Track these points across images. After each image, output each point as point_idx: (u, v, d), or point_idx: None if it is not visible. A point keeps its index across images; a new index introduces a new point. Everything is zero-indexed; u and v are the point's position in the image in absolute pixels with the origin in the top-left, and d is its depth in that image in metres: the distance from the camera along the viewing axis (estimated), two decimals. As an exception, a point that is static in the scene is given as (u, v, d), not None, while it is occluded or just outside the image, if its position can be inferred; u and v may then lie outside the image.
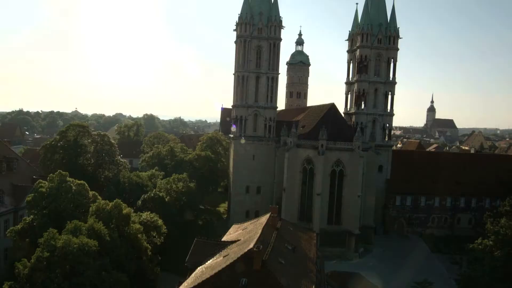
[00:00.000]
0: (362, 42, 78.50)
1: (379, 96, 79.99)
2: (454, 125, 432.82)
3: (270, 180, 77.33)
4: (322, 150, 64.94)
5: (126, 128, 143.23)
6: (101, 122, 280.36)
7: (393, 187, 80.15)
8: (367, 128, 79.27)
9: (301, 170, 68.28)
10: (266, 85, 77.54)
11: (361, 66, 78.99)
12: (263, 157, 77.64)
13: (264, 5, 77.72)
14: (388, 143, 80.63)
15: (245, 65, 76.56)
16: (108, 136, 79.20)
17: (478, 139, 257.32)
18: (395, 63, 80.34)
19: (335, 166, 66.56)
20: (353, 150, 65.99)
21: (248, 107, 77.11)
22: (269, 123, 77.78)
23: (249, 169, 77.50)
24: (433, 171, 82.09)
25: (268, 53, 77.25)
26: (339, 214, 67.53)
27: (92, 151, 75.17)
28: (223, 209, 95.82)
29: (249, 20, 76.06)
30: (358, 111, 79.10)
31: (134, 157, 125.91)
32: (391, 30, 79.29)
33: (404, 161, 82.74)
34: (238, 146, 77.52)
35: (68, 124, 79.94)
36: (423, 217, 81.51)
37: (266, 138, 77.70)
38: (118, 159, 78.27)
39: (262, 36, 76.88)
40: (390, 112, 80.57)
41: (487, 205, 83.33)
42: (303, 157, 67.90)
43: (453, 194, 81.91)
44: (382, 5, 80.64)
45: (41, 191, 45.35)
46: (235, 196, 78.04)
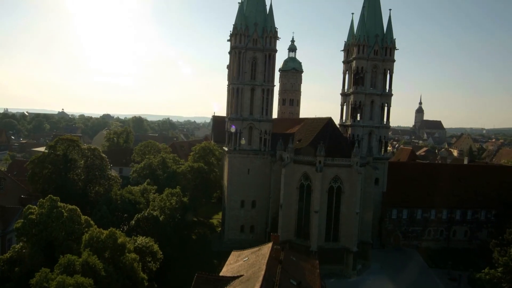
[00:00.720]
0: (359, 54, 77.41)
1: (375, 108, 78.98)
2: (442, 126, 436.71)
3: (265, 194, 75.92)
4: (320, 166, 63.62)
5: (115, 135, 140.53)
6: (89, 125, 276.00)
7: (389, 200, 79.30)
8: (363, 140, 78.26)
9: (298, 186, 66.90)
10: (261, 98, 76.02)
11: (358, 77, 77.90)
12: (258, 171, 76.14)
13: (259, 15, 76.14)
14: (385, 156, 79.67)
15: (239, 77, 74.91)
16: (98, 150, 76.93)
17: (466, 141, 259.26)
18: (391, 75, 79.43)
19: (333, 182, 65.30)
20: (351, 166, 64.82)
21: (243, 120, 75.47)
22: (264, 136, 76.27)
23: (244, 183, 75.91)
24: (429, 183, 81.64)
25: (263, 65, 75.72)
26: (337, 231, 66.32)
27: (82, 166, 72.88)
28: (216, 221, 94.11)
29: (244, 31, 74.42)
30: (355, 123, 77.98)
31: (124, 165, 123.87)
32: (387, 41, 78.29)
33: (400, 173, 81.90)
34: (233, 160, 75.85)
35: (57, 137, 77.43)
36: (419, 230, 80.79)
37: (261, 152, 76.18)
38: (110, 174, 76.08)
39: (257, 47, 75.30)
40: (386, 124, 79.65)
41: (482, 217, 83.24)
42: (300, 173, 66.54)
43: (449, 207, 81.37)
44: (379, 15, 79.56)
45: (30, 218, 43.24)
46: (229, 211, 76.39)
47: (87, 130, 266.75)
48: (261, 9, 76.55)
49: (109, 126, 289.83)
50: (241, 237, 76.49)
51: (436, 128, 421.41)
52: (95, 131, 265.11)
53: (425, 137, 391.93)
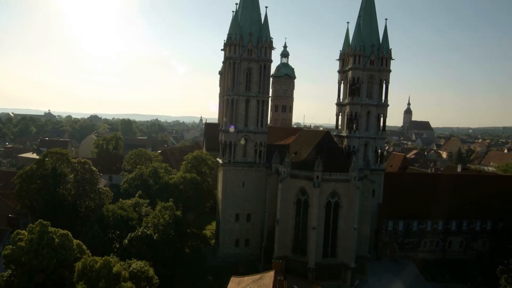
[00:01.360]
0: (355, 64, 76.34)
1: (371, 119, 78.03)
2: (430, 127, 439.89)
3: (260, 207, 74.58)
4: (317, 182, 62.41)
5: (104, 141, 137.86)
6: (76, 128, 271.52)
7: (385, 211, 78.49)
8: (359, 152, 77.29)
9: (295, 201, 65.65)
10: (256, 109, 74.50)
11: (354, 88, 76.86)
12: (253, 183, 74.65)
13: (254, 25, 74.55)
14: (381, 167, 78.76)
15: (234, 88, 73.33)
16: (89, 163, 74.67)
17: (455, 143, 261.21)
18: (387, 85, 78.56)
19: (330, 197, 64.17)
20: (349, 181, 63.75)
21: (238, 132, 73.91)
22: (259, 148, 74.79)
23: (238, 196, 74.35)
24: (425, 193, 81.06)
25: (258, 76, 74.18)
26: (335, 247, 65.25)
27: (72, 181, 70.69)
28: (209, 232, 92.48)
29: (239, 41, 72.80)
30: (350, 134, 76.92)
31: (114, 173, 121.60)
32: (383, 51, 77.35)
33: (396, 184, 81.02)
34: (227, 172, 74.24)
35: (46, 151, 75.07)
36: (415, 241, 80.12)
37: (256, 164, 74.68)
38: (100, 187, 73.94)
39: (252, 57, 73.72)
40: (382, 135, 78.79)
41: (477, 227, 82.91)
42: (297, 188, 65.28)
43: (445, 217, 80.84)
44: (375, 25, 78.54)
45: (20, 246, 41.21)
46: (224, 225, 74.79)
47: (75, 133, 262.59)
48: (256, 19, 74.97)
49: (97, 129, 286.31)
50: (236, 251, 75.07)
51: (424, 129, 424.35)
52: (83, 134, 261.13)
53: (413, 137, 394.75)
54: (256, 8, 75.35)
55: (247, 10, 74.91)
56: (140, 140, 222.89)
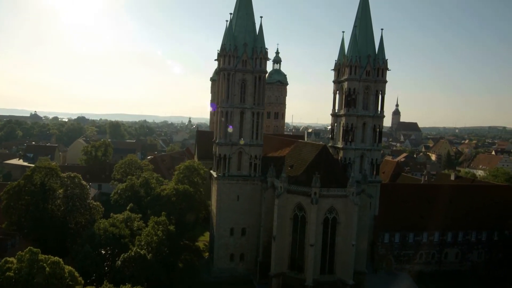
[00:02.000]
0: (351, 75, 75.26)
1: (367, 130, 77.03)
2: (418, 128, 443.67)
3: (255, 221, 73.18)
4: (315, 198, 61.17)
5: (93, 148, 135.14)
6: (63, 131, 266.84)
7: (381, 224, 77.58)
8: (355, 163, 76.28)
9: (291, 216, 64.36)
10: (251, 121, 73.04)
11: (349, 99, 75.78)
12: (248, 197, 73.20)
13: (248, 35, 73.02)
14: (377, 179, 77.81)
15: (229, 100, 71.73)
16: (79, 177, 72.35)
17: (444, 146, 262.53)
18: (383, 96, 77.70)
19: (328, 213, 63.00)
20: (347, 197, 62.65)
21: (232, 144, 72.33)
22: (254, 161, 73.30)
23: (233, 210, 72.81)
24: (421, 205, 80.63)
25: (253, 87, 72.73)
26: (332, 263, 64.11)
27: (61, 197, 68.42)
28: (203, 244, 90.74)
29: (233, 52, 71.23)
30: (346, 146, 75.79)
31: (104, 181, 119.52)
32: (379, 61, 76.42)
33: (392, 195, 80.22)
34: (222, 186, 72.61)
35: (34, 166, 72.64)
36: (411, 253, 79.42)
37: (251, 178, 73.19)
38: (91, 202, 71.76)
39: (247, 69, 72.25)
40: (378, 147, 77.85)
41: (473, 238, 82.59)
42: (294, 204, 64.00)
43: (440, 229, 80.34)
44: (370, 35, 77.53)
45: (8, 276, 39.17)
46: (219, 239, 73.16)
47: (62, 136, 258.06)
48: (250, 29, 73.46)
49: (85, 132, 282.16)
50: (230, 265, 73.60)
51: (412, 130, 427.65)
52: (70, 137, 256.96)
53: (402, 139, 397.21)
54: (250, 17, 73.89)
55: (242, 20, 73.40)
56: (129, 144, 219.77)
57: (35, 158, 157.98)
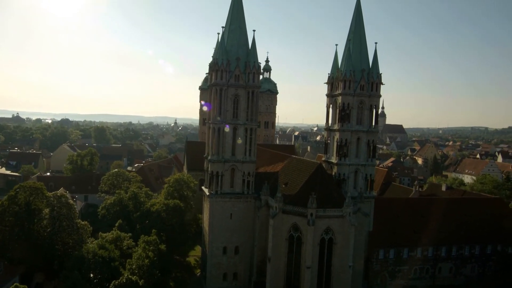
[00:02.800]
0: (345, 90, 74.06)
1: (362, 145, 75.95)
2: (403, 130, 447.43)
3: (249, 239, 71.64)
4: (312, 219, 59.84)
5: (79, 157, 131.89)
6: (47, 135, 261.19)
7: (376, 240, 76.62)
8: (349, 179, 75.18)
9: (287, 237, 62.93)
10: (244, 137, 71.34)
11: (344, 114, 74.64)
12: (242, 215, 71.50)
13: (241, 49, 71.33)
14: (371, 194, 76.79)
15: (221, 115, 69.95)
16: (65, 196, 69.79)
17: (430, 150, 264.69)
18: (377, 111, 76.81)
19: (324, 234, 61.76)
20: (344, 217, 61.48)
21: (224, 161, 70.55)
22: (247, 178, 71.62)
23: (226, 228, 71.03)
24: (414, 219, 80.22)
25: (246, 102, 71.07)
26: (329, 285, 62.89)
27: (48, 217, 65.82)
28: (193, 259, 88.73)
29: (225, 66, 69.50)
30: (341, 162, 74.61)
31: (90, 192, 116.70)
32: (373, 76, 75.43)
33: (386, 210, 79.30)
34: (214, 204, 70.79)
35: (18, 184, 69.79)
36: (406, 269, 78.72)
37: (244, 195, 71.52)
38: (79, 222, 69.22)
39: (240, 84, 70.55)
40: (372, 162, 76.85)
41: (466, 252, 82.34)
42: (290, 224, 62.59)
43: (434, 244, 79.89)
44: (364, 49, 76.51)
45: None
46: (211, 258, 71.28)
47: (46, 141, 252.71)
48: (243, 42, 71.78)
49: (69, 135, 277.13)
50: (223, 285, 71.88)
51: (398, 132, 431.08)
52: (54, 141, 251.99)
53: (387, 141, 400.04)
54: (243, 31, 72.24)
55: (234, 33, 71.70)
56: (115, 149, 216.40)
57: (18, 166, 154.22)
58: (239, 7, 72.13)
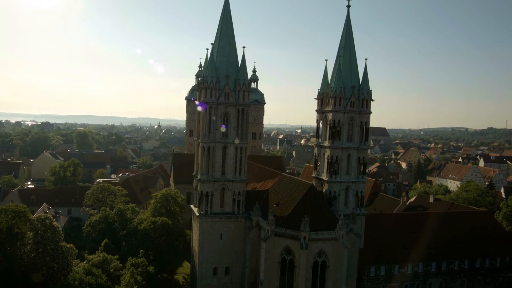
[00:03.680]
0: (335, 106, 73.41)
1: (352, 162, 75.36)
2: (387, 133, 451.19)
3: (240, 259, 70.45)
4: (305, 243, 58.91)
5: (61, 168, 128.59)
6: (27, 141, 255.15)
7: (367, 257, 76.03)
8: (340, 196, 74.51)
9: (279, 260, 61.88)
10: (234, 156, 70.04)
11: (334, 131, 73.94)
12: (232, 235, 70.23)
13: (231, 66, 70.10)
14: (362, 211, 76.28)
15: (211, 134, 68.54)
16: (50, 218, 67.46)
17: (414, 154, 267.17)
18: (367, 127, 76.37)
19: (317, 257, 60.90)
20: (337, 239, 60.70)
21: (214, 181, 69.13)
22: (238, 198, 70.35)
23: (216, 249, 69.66)
24: (404, 235, 79.61)
25: (236, 120, 69.83)
26: (322, 308, 61.98)
27: (31, 242, 63.41)
28: (182, 277, 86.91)
29: (215, 84, 68.10)
30: (331, 179, 73.84)
31: (74, 205, 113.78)
32: (364, 92, 74.95)
33: (377, 226, 78.75)
34: (204, 225, 69.32)
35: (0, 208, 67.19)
36: (396, 285, 78.34)
37: (234, 215, 70.24)
38: (64, 246, 66.88)
39: (230, 101, 69.25)
40: (363, 178, 76.30)
41: (456, 267, 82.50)
42: (282, 247, 61.56)
43: (425, 259, 79.78)
44: (354, 65, 75.94)
45: None
46: (201, 280, 69.79)
47: (26, 147, 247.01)
48: (233, 59, 70.55)
49: (50, 141, 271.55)
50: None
51: (381, 135, 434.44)
52: (35, 147, 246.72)
53: (371, 144, 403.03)
54: (233, 47, 71.00)
55: (224, 50, 70.35)
56: (98, 156, 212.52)
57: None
58: (229, 23, 70.87)
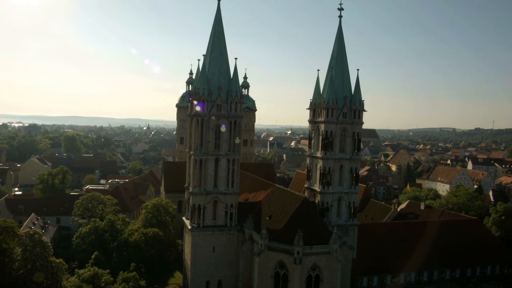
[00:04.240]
0: (328, 118, 73.23)
1: (345, 173, 75.30)
2: (376, 135, 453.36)
3: (232, 272, 70.01)
4: (298, 258, 58.61)
5: (50, 176, 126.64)
6: (14, 145, 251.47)
7: (360, 267, 75.97)
8: (333, 207, 74.37)
9: (273, 274, 61.50)
10: (227, 168, 69.49)
11: (326, 142, 73.77)
12: (225, 248, 69.72)
13: (223, 77, 69.61)
14: (354, 222, 76.23)
15: (203, 147, 67.91)
16: (39, 234, 66.26)
17: (403, 157, 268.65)
18: (359, 138, 76.36)
19: (311, 271, 60.65)
20: (330, 253, 60.50)
21: (207, 193, 68.53)
22: (230, 210, 69.83)
23: (209, 262, 69.09)
24: (396, 244, 79.75)
25: (228, 133, 69.27)
26: (315, 323, 61.70)
27: (20, 259, 62.16)
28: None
29: (207, 96, 67.50)
30: (324, 190, 73.68)
31: (63, 214, 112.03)
32: (356, 103, 74.96)
33: (369, 236, 78.77)
34: (197, 238, 68.69)
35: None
36: (389, 295, 78.60)
37: (227, 228, 69.71)
38: (53, 261, 65.71)
39: (222, 113, 68.71)
40: (355, 189, 76.27)
41: (447, 276, 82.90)
42: (275, 261, 61.21)
43: (417, 269, 79.99)
44: (347, 76, 75.90)
45: None
46: (193, 294, 69.19)
47: (13, 151, 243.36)
48: (224, 70, 70.06)
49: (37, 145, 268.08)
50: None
51: (371, 137, 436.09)
52: (22, 152, 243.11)
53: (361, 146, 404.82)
54: (225, 58, 70.57)
55: (215, 61, 69.87)
56: (87, 161, 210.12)
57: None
58: (220, 34, 70.38)
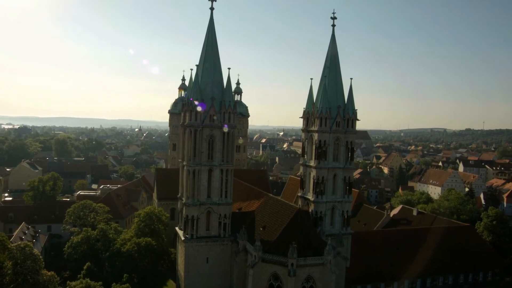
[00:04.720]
0: (321, 127, 73.17)
1: (338, 182, 75.25)
2: (368, 137, 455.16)
3: (226, 283, 69.74)
4: (292, 270, 58.38)
5: (40, 182, 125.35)
6: (4, 149, 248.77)
7: (353, 276, 75.97)
8: (326, 216, 74.31)
9: (267, 286, 61.22)
10: (220, 179, 69.12)
11: (320, 151, 73.70)
12: (218, 259, 69.34)
13: (216, 87, 69.19)
14: (348, 230, 76.23)
15: (196, 157, 67.49)
16: (30, 246, 65.28)
17: (396, 159, 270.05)
18: (353, 147, 76.38)
19: (305, 282, 60.42)
20: (324, 265, 60.38)
21: (200, 204, 68.13)
22: (224, 221, 69.48)
23: (202, 274, 68.60)
24: (390, 252, 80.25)
25: (222, 143, 68.91)
26: (309, 335, 61.52)
27: (10, 273, 61.29)
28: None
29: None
30: (318, 200, 73.55)
31: (54, 222, 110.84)
32: (349, 112, 75.00)
33: (363, 244, 79.01)
34: (190, 249, 68.23)
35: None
36: (383, 304, 78.77)
37: (221, 238, 69.35)
38: (45, 274, 64.87)
39: (215, 124, 68.33)
40: (349, 198, 76.26)
41: (440, 283, 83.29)
42: (269, 273, 60.89)
43: (410, 276, 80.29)
44: (340, 85, 75.90)
45: None
46: (187, 306, 68.72)
47: (3, 155, 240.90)
48: (218, 80, 69.65)
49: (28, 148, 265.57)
50: None
51: (363, 139, 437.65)
52: (11, 155, 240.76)
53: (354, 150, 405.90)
54: (218, 68, 70.16)
55: (208, 71, 69.45)
56: (78, 165, 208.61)
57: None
58: (214, 43, 70.02)
